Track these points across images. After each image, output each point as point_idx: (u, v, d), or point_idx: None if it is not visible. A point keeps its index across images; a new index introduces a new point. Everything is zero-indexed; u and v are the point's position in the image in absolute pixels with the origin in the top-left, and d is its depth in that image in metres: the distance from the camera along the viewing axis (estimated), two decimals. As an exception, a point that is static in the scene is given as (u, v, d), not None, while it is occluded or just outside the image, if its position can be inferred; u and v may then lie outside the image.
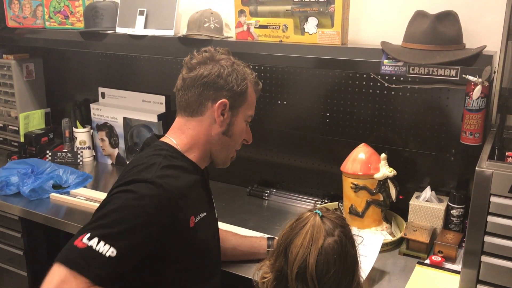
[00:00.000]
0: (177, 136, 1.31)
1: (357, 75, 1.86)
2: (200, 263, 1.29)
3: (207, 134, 1.31)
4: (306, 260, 1.04)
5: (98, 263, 1.06)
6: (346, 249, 1.08)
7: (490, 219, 1.25)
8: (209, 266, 1.35)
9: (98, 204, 1.88)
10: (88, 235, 1.07)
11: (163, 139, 1.33)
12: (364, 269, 1.34)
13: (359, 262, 1.12)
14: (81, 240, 1.07)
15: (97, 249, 1.06)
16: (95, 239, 1.07)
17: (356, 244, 1.12)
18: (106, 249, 1.06)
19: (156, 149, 1.27)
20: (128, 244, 1.09)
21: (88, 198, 2.01)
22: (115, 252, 1.07)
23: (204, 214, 1.30)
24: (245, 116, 1.35)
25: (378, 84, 1.82)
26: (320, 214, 1.10)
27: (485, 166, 1.24)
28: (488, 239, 1.26)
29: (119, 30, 2.07)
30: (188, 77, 1.29)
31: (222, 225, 1.48)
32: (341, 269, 1.06)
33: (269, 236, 1.63)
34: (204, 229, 1.29)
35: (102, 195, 2.01)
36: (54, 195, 2.02)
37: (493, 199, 1.23)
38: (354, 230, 1.29)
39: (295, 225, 1.11)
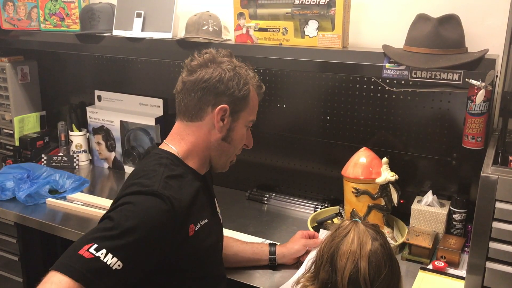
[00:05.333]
0: (177, 143, 1.28)
1: (358, 79, 1.84)
2: (204, 271, 1.27)
3: (206, 140, 1.28)
4: (358, 264, 1.06)
5: (105, 275, 1.02)
6: (391, 252, 1.12)
7: (495, 225, 1.24)
8: (214, 273, 1.33)
9: (95, 210, 1.91)
10: (96, 245, 1.03)
11: (163, 146, 1.30)
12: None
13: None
14: (87, 250, 1.02)
15: (105, 260, 1.02)
16: (103, 251, 1.03)
17: None
18: (114, 262, 1.03)
19: (157, 157, 1.25)
20: (134, 257, 1.07)
21: (85, 203, 1.98)
22: (121, 265, 1.04)
23: (206, 221, 1.28)
24: (246, 121, 1.31)
25: (379, 87, 1.81)
26: (360, 221, 1.13)
27: (490, 171, 1.23)
28: (493, 245, 1.25)
29: (116, 32, 2.05)
30: (188, 80, 1.26)
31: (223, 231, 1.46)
32: (390, 272, 1.08)
33: (271, 242, 1.61)
34: (205, 236, 1.27)
35: (99, 200, 1.99)
36: (51, 200, 1.99)
37: (498, 205, 1.22)
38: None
39: (336, 234, 1.12)
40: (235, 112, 1.28)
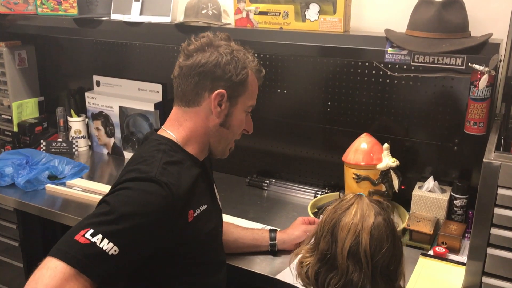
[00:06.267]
0: (175, 129, 1.27)
1: (359, 63, 1.82)
2: (204, 257, 1.26)
3: (204, 126, 1.26)
4: (359, 236, 1.04)
5: (101, 261, 1.01)
6: (394, 228, 1.10)
7: (497, 211, 1.23)
8: (214, 259, 1.33)
9: (94, 196, 1.90)
10: (92, 231, 1.02)
11: (161, 132, 1.28)
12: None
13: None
14: (83, 235, 1.01)
15: (101, 246, 1.01)
16: (99, 236, 1.01)
17: None
18: (110, 247, 1.01)
19: (155, 143, 1.23)
20: (130, 243, 1.06)
21: (85, 189, 1.97)
22: (117, 251, 1.02)
23: (205, 206, 1.27)
24: (245, 106, 1.29)
25: (381, 72, 1.79)
26: (364, 196, 1.12)
27: (492, 157, 1.22)
28: (494, 231, 1.24)
29: (114, 16, 2.02)
30: (184, 65, 1.24)
31: (223, 217, 1.45)
32: (391, 247, 1.06)
33: (271, 228, 1.61)
34: (204, 222, 1.26)
35: (98, 186, 1.98)
36: (50, 186, 1.99)
37: (501, 191, 1.21)
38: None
39: (339, 206, 1.10)
40: (233, 97, 1.25)
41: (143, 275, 1.18)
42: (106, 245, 1.01)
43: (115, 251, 1.02)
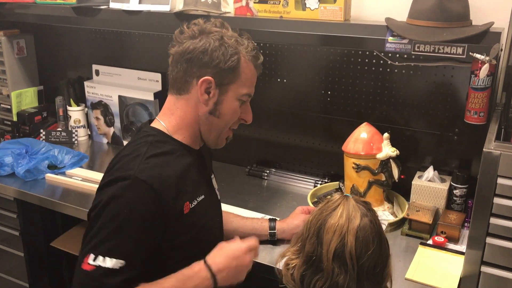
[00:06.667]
0: (167, 118, 1.26)
1: (360, 52, 1.81)
2: (204, 247, 1.26)
3: (194, 114, 1.24)
4: (345, 238, 1.02)
5: (113, 276, 1.07)
6: (380, 230, 1.08)
7: (497, 200, 1.23)
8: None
9: (94, 185, 1.90)
10: (93, 255, 1.07)
11: (154, 122, 1.28)
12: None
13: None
14: (88, 262, 1.07)
15: (106, 266, 1.06)
16: (100, 258, 1.06)
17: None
18: (114, 263, 1.07)
19: (143, 136, 1.23)
20: (132, 250, 1.10)
21: (84, 178, 1.97)
22: (124, 262, 1.07)
23: (202, 197, 1.27)
24: (237, 94, 1.24)
25: (381, 61, 1.78)
26: (351, 196, 1.10)
27: (492, 147, 1.22)
28: (493, 220, 1.25)
29: (113, 5, 2.00)
30: (175, 52, 1.23)
31: (222, 207, 1.45)
32: (378, 249, 1.04)
33: (271, 217, 1.61)
34: (202, 212, 1.26)
35: (98, 175, 1.98)
36: (50, 176, 1.99)
37: (500, 180, 1.21)
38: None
39: (325, 208, 1.09)
40: (223, 85, 1.22)
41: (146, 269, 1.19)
42: (109, 262, 1.07)
43: (121, 263, 1.07)
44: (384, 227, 1.17)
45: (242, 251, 1.24)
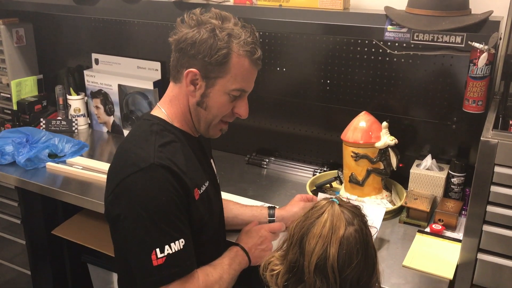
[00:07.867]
0: (166, 105, 1.28)
1: (359, 41, 1.81)
2: (207, 234, 1.28)
3: (186, 103, 1.25)
4: (327, 250, 0.98)
5: (185, 255, 1.16)
6: (367, 239, 1.03)
7: (494, 189, 1.24)
8: (214, 236, 1.35)
9: (94, 174, 1.91)
10: (158, 250, 1.12)
11: (155, 109, 1.29)
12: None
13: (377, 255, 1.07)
14: (156, 259, 1.12)
15: (174, 250, 1.13)
16: (166, 247, 1.13)
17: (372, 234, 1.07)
18: (178, 245, 1.14)
19: (147, 124, 1.24)
20: (181, 225, 1.16)
21: (85, 167, 1.98)
22: (184, 241, 1.15)
23: (207, 183, 1.30)
24: (225, 89, 1.21)
25: (380, 50, 1.78)
26: (337, 202, 1.04)
27: (490, 135, 1.23)
28: (490, 208, 1.26)
29: (112, -7, 2.00)
30: (173, 41, 1.23)
31: (222, 195, 1.47)
32: (362, 261, 1.00)
33: (270, 205, 1.63)
34: (208, 199, 1.29)
35: (98, 164, 1.99)
36: (50, 165, 2.00)
37: (497, 169, 1.22)
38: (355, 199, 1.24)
39: (310, 214, 1.04)
40: (209, 78, 1.20)
41: None
42: (174, 247, 1.14)
43: (182, 241, 1.15)
44: (374, 231, 1.10)
45: (265, 230, 1.45)
